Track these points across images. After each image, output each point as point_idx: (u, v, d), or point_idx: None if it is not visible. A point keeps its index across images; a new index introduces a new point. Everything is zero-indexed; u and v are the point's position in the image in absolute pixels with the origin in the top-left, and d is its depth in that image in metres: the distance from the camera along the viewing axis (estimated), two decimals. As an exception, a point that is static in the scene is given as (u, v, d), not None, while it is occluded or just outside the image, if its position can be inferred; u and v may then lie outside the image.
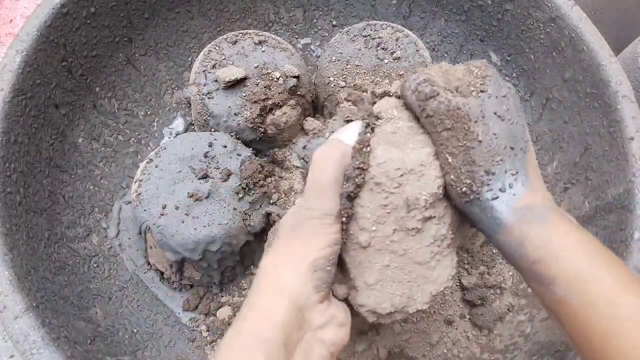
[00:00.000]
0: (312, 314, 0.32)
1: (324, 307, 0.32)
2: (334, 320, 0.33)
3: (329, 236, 0.33)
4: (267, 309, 0.31)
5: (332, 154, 0.33)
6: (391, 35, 0.65)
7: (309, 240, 0.32)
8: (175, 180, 0.57)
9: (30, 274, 0.48)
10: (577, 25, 0.56)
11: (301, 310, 0.31)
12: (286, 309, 0.30)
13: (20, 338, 0.43)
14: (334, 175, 0.33)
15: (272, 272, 0.32)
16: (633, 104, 0.51)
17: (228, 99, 0.62)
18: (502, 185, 0.33)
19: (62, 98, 0.59)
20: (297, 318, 0.31)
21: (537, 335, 0.53)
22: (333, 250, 0.33)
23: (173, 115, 0.72)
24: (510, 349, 0.55)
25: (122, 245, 0.62)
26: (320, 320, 0.32)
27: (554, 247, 0.32)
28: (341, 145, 0.34)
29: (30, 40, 0.54)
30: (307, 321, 0.31)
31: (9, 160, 0.51)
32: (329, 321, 0.32)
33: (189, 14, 0.70)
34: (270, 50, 0.65)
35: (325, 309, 0.33)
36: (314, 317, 0.32)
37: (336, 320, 0.33)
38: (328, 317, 0.32)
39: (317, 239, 0.32)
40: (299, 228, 0.33)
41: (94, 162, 0.63)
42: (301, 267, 0.31)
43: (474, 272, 0.61)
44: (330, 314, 0.33)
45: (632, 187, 0.48)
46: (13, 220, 0.49)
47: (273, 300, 0.31)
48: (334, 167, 0.33)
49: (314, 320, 0.32)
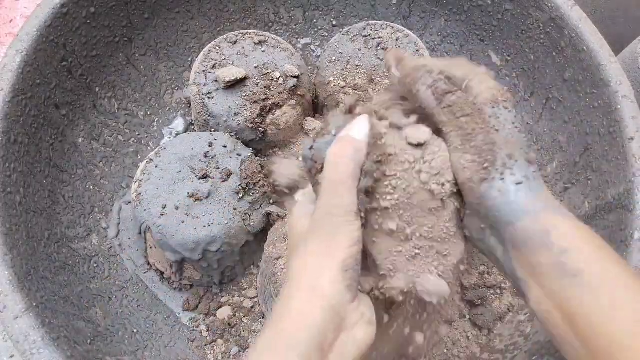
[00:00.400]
0: (347, 314, 0.32)
1: (355, 305, 0.32)
2: (363, 319, 0.33)
3: (354, 234, 0.32)
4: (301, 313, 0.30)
5: (345, 151, 0.33)
6: (391, 35, 0.65)
7: (335, 240, 0.32)
8: (175, 180, 0.57)
9: (30, 274, 0.48)
10: (577, 25, 0.56)
11: (337, 311, 0.31)
12: (322, 310, 0.30)
13: (20, 338, 0.43)
14: (350, 173, 0.33)
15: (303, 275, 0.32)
16: (633, 104, 0.51)
17: (228, 99, 0.62)
18: (526, 174, 0.33)
19: (62, 98, 0.59)
20: (334, 321, 0.30)
21: (537, 335, 0.53)
22: (358, 248, 0.33)
23: (173, 115, 0.72)
24: (510, 349, 0.55)
25: (122, 245, 0.62)
26: (351, 320, 0.32)
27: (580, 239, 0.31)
28: (353, 141, 0.34)
29: (30, 40, 0.54)
30: (344, 321, 0.31)
31: (9, 160, 0.51)
32: (360, 319, 0.32)
33: (189, 14, 0.70)
34: (270, 50, 0.65)
35: (357, 307, 0.33)
36: (351, 317, 0.32)
37: (365, 318, 0.33)
38: (359, 316, 0.32)
39: (342, 238, 0.32)
40: (321, 230, 0.33)
41: (94, 162, 0.63)
42: (332, 269, 0.31)
43: (474, 272, 0.61)
44: (360, 312, 0.33)
45: (632, 187, 0.48)
46: (13, 220, 0.49)
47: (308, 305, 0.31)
48: (350, 164, 0.33)
49: (349, 320, 0.32)
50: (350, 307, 0.32)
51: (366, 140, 0.34)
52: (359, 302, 0.33)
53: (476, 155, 0.34)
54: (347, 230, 0.32)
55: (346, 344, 0.31)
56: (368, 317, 0.33)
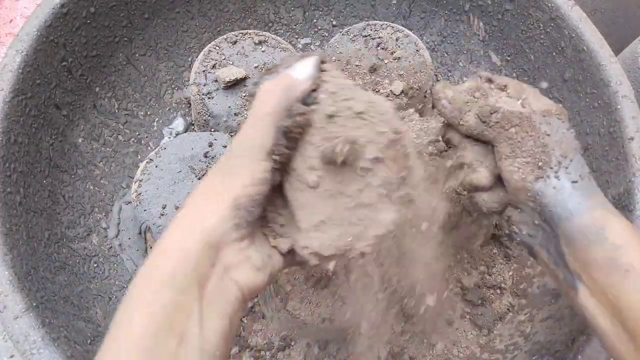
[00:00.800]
0: (227, 252, 0.30)
1: (242, 246, 0.31)
2: (248, 262, 0.31)
3: (256, 174, 0.31)
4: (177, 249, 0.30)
5: (277, 86, 0.31)
6: (391, 35, 0.65)
7: (234, 177, 0.31)
8: (175, 180, 0.57)
9: (30, 274, 0.48)
10: (577, 25, 0.56)
11: (215, 246, 0.30)
12: (198, 244, 0.29)
13: (20, 338, 0.43)
14: (273, 107, 0.31)
15: (191, 209, 0.31)
16: (633, 104, 0.51)
17: (228, 99, 0.62)
18: (581, 173, 0.35)
19: (62, 98, 0.59)
20: (210, 255, 0.30)
21: (537, 335, 0.53)
22: (258, 189, 0.31)
23: (173, 115, 0.72)
24: (510, 349, 0.55)
25: (122, 245, 0.62)
26: (233, 259, 0.31)
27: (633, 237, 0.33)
28: (289, 78, 0.32)
29: (30, 40, 0.54)
30: (220, 258, 0.30)
31: (9, 160, 0.51)
32: (243, 261, 0.31)
33: (189, 14, 0.70)
34: (270, 50, 0.65)
35: (243, 248, 0.31)
36: (228, 254, 0.30)
37: (251, 262, 0.31)
38: (243, 258, 0.31)
39: (242, 175, 0.31)
40: (226, 163, 0.32)
41: (94, 162, 0.63)
42: (221, 204, 0.30)
43: (474, 272, 0.61)
44: (246, 255, 0.31)
45: (632, 187, 0.48)
46: (13, 220, 0.49)
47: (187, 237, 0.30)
48: (276, 98, 0.31)
49: (227, 258, 0.30)
50: (234, 247, 0.30)
51: (306, 80, 0.32)
52: (249, 244, 0.31)
53: (529, 157, 0.35)
54: (250, 168, 0.31)
55: (226, 283, 0.30)
56: (257, 263, 0.31)
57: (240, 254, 0.31)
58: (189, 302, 0.28)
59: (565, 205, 0.34)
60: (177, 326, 0.28)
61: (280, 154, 0.31)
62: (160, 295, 0.28)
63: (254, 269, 0.31)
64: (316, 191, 0.32)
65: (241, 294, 0.31)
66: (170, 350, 0.27)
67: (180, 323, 0.28)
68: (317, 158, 0.32)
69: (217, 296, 0.30)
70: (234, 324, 0.31)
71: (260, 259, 0.32)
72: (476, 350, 0.57)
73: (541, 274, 0.59)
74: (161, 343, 0.27)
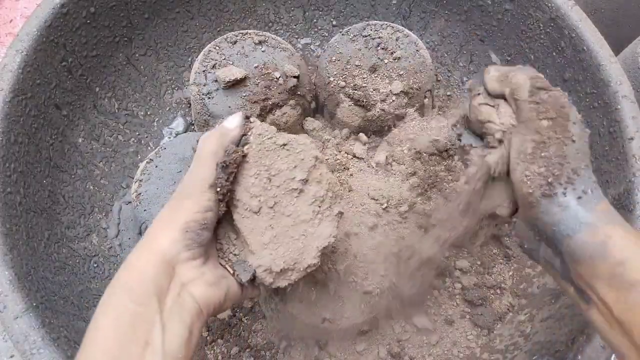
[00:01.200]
0: (182, 269, 0.35)
1: (195, 264, 0.36)
2: (203, 277, 0.36)
3: (202, 202, 0.36)
4: (138, 265, 0.35)
5: (214, 134, 0.39)
6: (391, 35, 0.65)
7: (183, 203, 0.37)
8: (175, 180, 0.57)
9: (30, 274, 0.48)
10: (577, 25, 0.56)
11: (170, 264, 0.35)
12: (155, 262, 0.34)
13: (20, 338, 0.43)
14: (212, 149, 0.38)
15: (151, 233, 0.37)
16: (633, 104, 0.51)
17: (228, 99, 0.62)
18: (585, 188, 0.34)
19: (62, 98, 0.59)
20: (167, 272, 0.35)
21: (537, 335, 0.53)
22: (205, 216, 0.36)
23: (173, 115, 0.72)
24: (510, 349, 0.55)
25: (122, 245, 0.62)
26: (189, 275, 0.36)
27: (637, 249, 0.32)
28: (222, 128, 0.40)
29: (30, 40, 0.54)
30: (177, 274, 0.35)
31: (9, 160, 0.51)
32: (198, 277, 0.36)
33: (189, 14, 0.70)
34: (270, 50, 0.65)
35: (197, 266, 0.36)
36: (183, 271, 0.35)
37: (205, 278, 0.36)
38: (197, 274, 0.36)
39: (190, 202, 0.36)
40: (178, 195, 0.38)
41: (94, 162, 0.63)
42: (174, 228, 0.36)
43: (474, 272, 0.61)
44: (200, 271, 0.36)
45: (632, 187, 0.48)
46: (13, 220, 0.49)
47: (145, 257, 0.35)
48: (213, 142, 0.38)
49: (182, 273, 0.35)
50: (189, 265, 0.36)
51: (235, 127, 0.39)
52: (202, 263, 0.37)
53: (543, 168, 0.34)
54: (197, 198, 0.37)
55: (184, 297, 0.35)
56: (210, 279, 0.37)
57: (195, 270, 0.36)
58: (149, 313, 0.33)
59: (567, 224, 0.34)
60: (141, 335, 0.32)
61: (222, 186, 0.37)
62: (122, 307, 0.33)
63: (207, 284, 0.37)
64: (260, 215, 0.39)
65: (198, 306, 0.36)
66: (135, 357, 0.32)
67: (144, 332, 0.32)
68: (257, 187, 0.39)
69: (177, 307, 0.34)
70: (194, 333, 0.35)
71: (213, 276, 0.37)
72: (476, 350, 0.57)
73: (541, 274, 0.59)
74: (125, 350, 0.32)
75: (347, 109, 0.65)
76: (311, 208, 0.39)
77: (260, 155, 0.39)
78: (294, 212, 0.39)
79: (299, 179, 0.39)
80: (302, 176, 0.39)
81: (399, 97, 0.63)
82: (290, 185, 0.39)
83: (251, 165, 0.39)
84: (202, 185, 0.37)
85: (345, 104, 0.65)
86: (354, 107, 0.65)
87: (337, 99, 0.65)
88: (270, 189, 0.39)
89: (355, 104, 0.64)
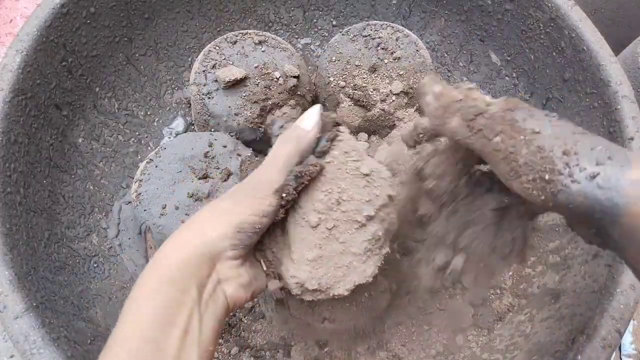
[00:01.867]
0: (221, 266, 0.35)
1: (235, 264, 0.36)
2: (238, 278, 0.36)
3: (262, 207, 0.35)
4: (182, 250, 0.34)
5: (290, 135, 0.37)
6: (391, 35, 0.65)
7: (243, 201, 0.35)
8: (175, 180, 0.57)
9: (30, 274, 0.48)
10: (577, 25, 0.56)
11: (213, 259, 0.34)
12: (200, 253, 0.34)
13: (20, 338, 0.43)
14: (287, 151, 0.36)
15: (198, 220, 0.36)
16: (633, 104, 0.51)
17: (228, 99, 0.62)
18: (597, 159, 0.28)
19: (62, 98, 0.59)
20: (208, 265, 0.34)
21: (537, 335, 0.53)
22: (261, 220, 0.35)
23: (173, 115, 0.72)
24: (510, 349, 0.55)
25: (122, 245, 0.62)
26: (226, 273, 0.35)
27: None
28: (298, 129, 0.38)
29: (30, 40, 0.54)
30: (216, 270, 0.35)
31: (9, 160, 0.51)
32: (234, 277, 0.36)
33: (189, 14, 0.70)
34: (270, 50, 0.65)
35: (235, 266, 0.36)
36: (221, 268, 0.35)
37: (240, 279, 0.36)
38: (234, 274, 0.36)
39: (250, 202, 0.35)
40: (239, 190, 0.36)
41: (94, 162, 0.63)
42: (226, 224, 0.34)
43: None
44: (237, 272, 0.36)
45: (632, 187, 0.48)
46: (13, 220, 0.49)
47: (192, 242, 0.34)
48: (290, 145, 0.37)
49: (221, 270, 0.35)
50: (228, 263, 0.35)
51: (311, 129, 0.37)
52: (240, 265, 0.36)
53: (531, 173, 0.30)
54: (258, 200, 0.35)
55: (217, 292, 0.35)
56: (244, 281, 0.36)
57: (233, 270, 0.36)
58: (189, 301, 0.33)
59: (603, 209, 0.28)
60: (180, 321, 0.32)
61: (288, 193, 0.36)
62: (162, 291, 0.32)
63: (241, 286, 0.36)
64: (315, 231, 0.38)
65: (228, 304, 0.36)
66: (174, 341, 0.31)
67: (182, 318, 0.32)
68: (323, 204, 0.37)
69: (211, 301, 0.34)
70: (220, 328, 0.36)
71: (247, 278, 0.37)
72: (476, 350, 0.57)
73: (541, 273, 0.59)
74: (166, 334, 0.31)
75: (347, 109, 0.65)
76: (365, 244, 0.38)
77: (339, 175, 0.37)
78: (347, 241, 0.38)
79: (365, 214, 0.37)
80: (370, 213, 0.38)
81: (399, 97, 0.63)
82: (355, 216, 0.38)
83: (326, 180, 0.37)
84: (268, 187, 0.35)
85: (345, 104, 0.65)
86: (354, 107, 0.65)
87: (337, 99, 0.65)
88: (336, 212, 0.37)
89: (355, 104, 0.65)
